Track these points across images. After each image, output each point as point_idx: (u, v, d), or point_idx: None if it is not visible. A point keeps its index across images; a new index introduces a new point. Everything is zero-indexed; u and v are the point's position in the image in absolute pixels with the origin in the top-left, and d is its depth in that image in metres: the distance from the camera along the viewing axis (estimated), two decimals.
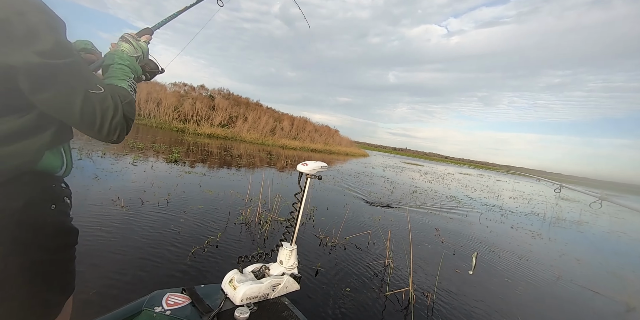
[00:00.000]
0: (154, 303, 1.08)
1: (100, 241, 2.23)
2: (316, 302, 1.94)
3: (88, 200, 3.09)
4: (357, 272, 2.53)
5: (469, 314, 2.15)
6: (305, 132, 24.99)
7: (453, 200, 8.60)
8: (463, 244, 4.00)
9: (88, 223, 2.51)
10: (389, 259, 2.84)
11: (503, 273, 3.13)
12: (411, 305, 2.11)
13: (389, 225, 4.27)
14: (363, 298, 2.10)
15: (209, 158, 8.22)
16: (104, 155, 5.74)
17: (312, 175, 1.37)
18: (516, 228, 5.81)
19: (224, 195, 4.32)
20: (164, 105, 17.94)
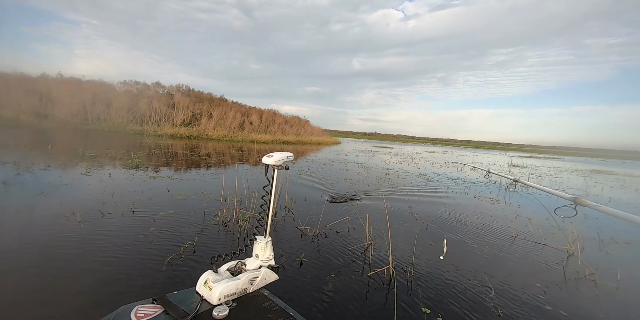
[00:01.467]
0: (122, 318, 1.01)
1: (58, 263, 2.01)
2: (303, 291, 1.98)
3: (35, 220, 2.75)
4: (340, 257, 2.61)
5: (444, 280, 2.35)
6: (276, 125, 24.47)
7: (422, 178, 9.14)
8: (435, 217, 4.30)
9: (39, 244, 2.25)
10: (368, 241, 2.96)
11: (470, 239, 3.45)
12: (393, 281, 2.24)
13: (366, 209, 4.43)
14: (347, 281, 2.18)
15: (175, 160, 7.72)
16: (48, 168, 5.11)
17: (279, 166, 1.37)
18: (478, 197, 6.37)
19: (196, 197, 4.12)
20: (115, 106, 16.28)
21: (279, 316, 1.22)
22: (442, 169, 12.43)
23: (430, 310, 1.92)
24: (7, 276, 1.81)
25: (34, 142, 8.12)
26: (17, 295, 1.63)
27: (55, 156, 6.28)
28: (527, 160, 25.21)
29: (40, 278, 1.82)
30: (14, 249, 2.15)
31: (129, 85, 20.01)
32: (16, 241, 2.28)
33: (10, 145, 7.19)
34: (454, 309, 1.96)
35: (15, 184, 3.90)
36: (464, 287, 2.27)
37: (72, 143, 9.09)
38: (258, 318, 1.17)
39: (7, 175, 4.25)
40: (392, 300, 1.98)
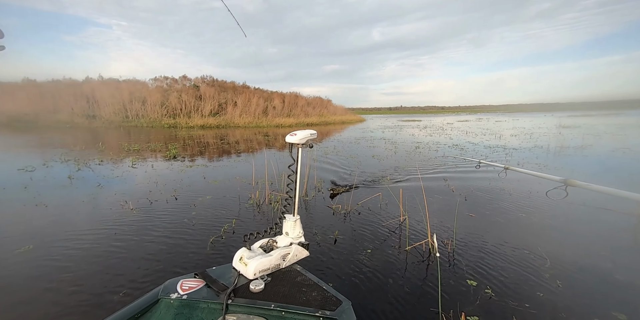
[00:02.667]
0: (169, 291, 1.11)
1: (117, 245, 2.25)
2: (339, 267, 1.99)
3: (97, 209, 3.10)
4: (374, 233, 2.57)
5: (490, 252, 2.20)
6: (298, 108, 24.32)
7: (456, 148, 8.56)
8: (473, 188, 4.02)
9: (102, 230, 2.53)
10: (403, 216, 2.87)
11: (516, 208, 3.18)
12: (432, 255, 2.16)
13: (398, 185, 4.29)
14: (384, 256, 2.15)
15: (207, 149, 8.11)
16: (102, 163, 5.68)
17: (303, 145, 1.37)
18: (522, 164, 5.81)
19: (229, 182, 4.31)
20: (150, 102, 17.33)
21: (313, 290, 1.23)
22: (478, 138, 11.50)
23: (476, 282, 1.82)
24: (82, 253, 2.08)
25: (87, 141, 9.06)
26: (92, 267, 1.87)
27: (105, 152, 6.96)
28: (579, 120, 22.23)
29: (105, 255, 2.06)
30: (85, 232, 2.45)
31: (159, 81, 21.01)
32: (85, 225, 2.60)
33: (69, 145, 8.11)
34: (503, 280, 1.84)
35: (78, 179, 4.41)
36: (514, 258, 2.11)
37: (118, 140, 9.97)
38: (293, 291, 1.19)
39: (70, 171, 4.82)
40: (433, 274, 1.91)
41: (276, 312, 1.08)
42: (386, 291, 1.73)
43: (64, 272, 1.87)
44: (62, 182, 4.17)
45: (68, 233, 2.46)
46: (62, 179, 4.33)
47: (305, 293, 1.19)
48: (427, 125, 22.68)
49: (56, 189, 3.86)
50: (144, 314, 1.03)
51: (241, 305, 1.09)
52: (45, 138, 9.97)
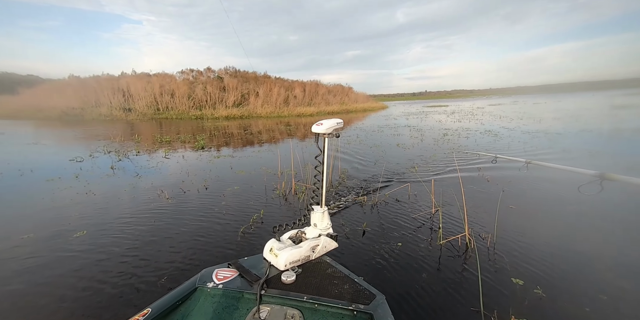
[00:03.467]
0: (206, 280, 1.15)
1: (156, 232, 2.41)
2: (368, 260, 1.96)
3: (137, 198, 3.33)
4: (404, 225, 2.49)
5: (539, 248, 2.04)
6: (319, 96, 24.01)
7: (489, 135, 7.98)
8: (512, 178, 3.74)
9: (143, 218, 2.72)
10: (435, 207, 2.75)
11: (562, 201, 2.91)
12: (470, 250, 2.05)
13: (427, 175, 4.11)
14: (416, 249, 2.08)
15: (232, 140, 8.34)
16: (139, 154, 6.08)
17: (329, 134, 1.32)
18: (568, 151, 5.27)
19: (255, 173, 4.40)
20: (178, 95, 18.07)
21: (345, 282, 1.22)
22: (514, 123, 10.62)
23: (523, 281, 1.69)
24: (127, 239, 2.26)
25: (125, 133, 9.72)
26: (135, 253, 2.03)
27: (141, 144, 7.43)
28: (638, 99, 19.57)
29: (146, 242, 2.22)
30: (128, 219, 2.66)
31: (186, 73, 21.72)
32: (128, 213, 2.81)
33: (110, 136, 8.77)
34: (554, 280, 1.69)
35: (119, 169, 4.77)
36: (569, 256, 1.95)
37: (151, 131, 10.59)
38: (324, 284, 1.18)
39: (112, 162, 5.22)
40: (471, 270, 1.82)
41: (309, 304, 1.08)
42: (420, 286, 1.68)
43: (112, 256, 2.04)
44: (106, 172, 4.53)
45: (114, 220, 2.68)
46: (106, 169, 4.71)
47: (336, 286, 1.19)
48: (454, 110, 21.39)
49: (102, 178, 4.20)
50: (184, 302, 1.08)
51: (274, 296, 1.10)
52: (89, 130, 10.86)
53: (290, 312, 1.06)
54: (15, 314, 1.48)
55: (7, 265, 1.94)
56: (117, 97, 17.44)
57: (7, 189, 3.69)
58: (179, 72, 21.56)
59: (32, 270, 1.87)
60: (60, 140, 8.43)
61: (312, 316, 1.06)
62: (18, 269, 1.88)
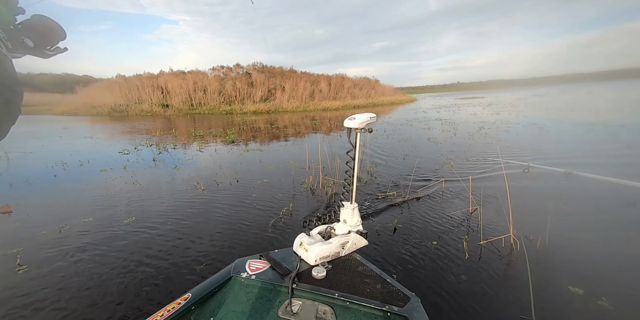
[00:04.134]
0: (239, 270, 1.19)
1: (194, 221, 2.56)
2: (401, 259, 1.90)
3: (176, 188, 3.57)
4: (438, 223, 2.38)
5: (597, 255, 1.83)
6: (345, 90, 23.67)
7: (534, 127, 7.29)
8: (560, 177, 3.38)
9: (181, 207, 2.91)
10: (473, 206, 2.59)
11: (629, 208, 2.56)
12: (515, 252, 1.90)
13: (463, 170, 3.88)
14: (453, 250, 1.97)
15: (260, 134, 8.57)
16: (176, 147, 6.50)
17: (362, 129, 1.29)
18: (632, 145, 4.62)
19: (283, 167, 4.48)
20: (209, 91, 18.94)
21: (376, 282, 1.18)
22: (564, 115, 9.57)
23: (583, 290, 1.53)
24: (169, 226, 2.44)
25: (163, 128, 10.46)
26: (178, 242, 2.18)
27: (178, 138, 7.93)
28: None
29: (185, 230, 2.37)
30: (170, 208, 2.86)
31: (217, 70, 22.63)
32: (169, 202, 3.03)
33: (151, 131, 9.50)
34: (623, 290, 1.51)
35: (160, 161, 5.14)
36: (635, 265, 1.72)
37: (186, 126, 11.26)
38: (355, 282, 1.16)
39: (154, 154, 5.64)
40: (517, 274, 1.68)
41: (340, 302, 1.07)
42: (459, 289, 1.59)
43: (158, 241, 2.21)
44: (149, 164, 4.92)
45: (157, 208, 2.90)
46: (149, 161, 5.11)
47: (368, 284, 1.16)
48: (491, 102, 19.84)
49: (145, 169, 4.57)
50: (220, 290, 1.13)
51: (305, 290, 1.11)
52: (133, 125, 11.84)
53: (322, 308, 1.06)
54: (78, 279, 1.69)
55: (71, 243, 2.20)
56: (157, 94, 18.75)
57: (71, 178, 4.17)
58: (211, 69, 22.52)
59: (89, 249, 2.09)
60: (110, 134, 9.30)
61: (344, 314, 1.05)
62: (80, 246, 2.13)
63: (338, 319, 1.03)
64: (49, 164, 4.95)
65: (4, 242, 2.24)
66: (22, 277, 1.80)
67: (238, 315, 1.06)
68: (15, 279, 1.78)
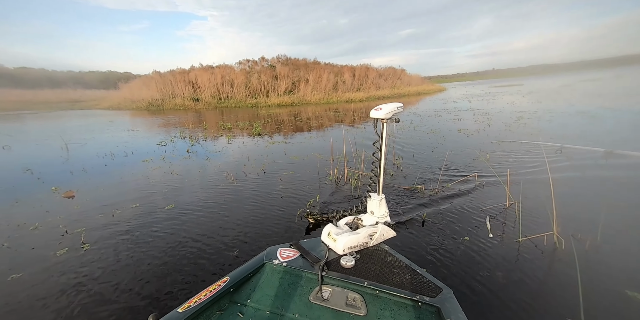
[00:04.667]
0: (271, 257, 1.25)
1: (226, 210, 2.71)
2: (431, 252, 1.87)
3: (209, 178, 3.78)
4: (471, 218, 2.28)
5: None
6: (369, 80, 23.02)
7: (583, 116, 6.59)
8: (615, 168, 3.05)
9: (214, 196, 3.08)
10: (510, 200, 2.44)
11: None
12: (559, 251, 1.78)
13: (499, 163, 3.65)
14: (487, 245, 1.89)
15: (284, 127, 8.70)
16: (207, 139, 6.84)
17: (389, 120, 1.28)
18: None
19: (308, 159, 4.54)
20: (236, 85, 19.48)
21: (406, 272, 1.18)
22: (621, 102, 8.49)
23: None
24: (204, 213, 2.62)
25: (195, 121, 11.02)
26: (211, 229, 2.34)
27: (208, 130, 8.33)
28: None
29: (218, 218, 2.53)
30: (204, 196, 3.06)
31: (243, 64, 23.11)
32: (203, 191, 3.23)
33: (183, 124, 10.07)
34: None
35: (193, 152, 5.46)
36: None
37: (215, 119, 11.76)
38: (384, 271, 1.18)
39: (187, 146, 6.00)
40: (562, 274, 1.58)
41: (370, 290, 1.09)
42: (495, 287, 1.53)
43: (195, 227, 2.38)
44: (184, 155, 5.25)
45: (193, 197, 3.10)
46: (183, 152, 5.45)
47: (397, 275, 1.17)
48: (531, 90, 18.17)
49: (181, 160, 4.89)
50: (254, 274, 1.20)
51: (335, 278, 1.15)
52: (168, 119, 12.61)
53: (351, 296, 1.09)
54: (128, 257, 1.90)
55: (122, 225, 2.45)
56: (188, 89, 19.69)
57: (118, 167, 4.59)
58: (237, 63, 23.03)
59: (137, 231, 2.32)
60: (149, 127, 10.01)
61: (374, 302, 1.07)
62: (130, 229, 2.37)
63: (368, 306, 1.06)
64: (99, 154, 5.49)
65: (71, 223, 2.56)
66: (86, 252, 2.06)
67: (272, 299, 1.13)
68: (80, 253, 2.04)
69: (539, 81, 30.84)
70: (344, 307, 1.05)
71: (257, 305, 1.10)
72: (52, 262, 1.95)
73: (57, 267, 1.88)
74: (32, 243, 2.22)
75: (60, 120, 13.02)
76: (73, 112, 18.26)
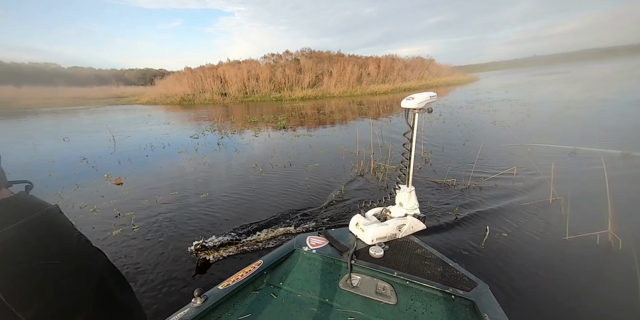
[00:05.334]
0: (301, 244, 1.29)
1: (256, 199, 2.83)
2: (463, 247, 1.80)
3: (238, 169, 3.94)
4: (509, 213, 2.16)
5: None
6: (395, 72, 22.19)
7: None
8: None
9: (244, 186, 3.21)
10: (554, 196, 2.26)
11: None
12: (615, 251, 1.63)
13: (540, 157, 3.38)
14: (528, 242, 1.79)
15: (308, 120, 8.74)
16: (235, 132, 7.12)
17: (421, 109, 1.25)
18: None
19: (333, 151, 4.54)
20: (261, 79, 19.86)
21: (437, 265, 1.16)
22: None
23: None
24: (236, 201, 2.75)
25: (223, 115, 11.47)
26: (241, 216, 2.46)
27: (236, 124, 8.64)
28: None
29: (249, 206, 2.64)
30: (235, 186, 3.21)
31: (267, 58, 23.43)
32: (234, 181, 3.39)
33: (213, 118, 10.54)
34: None
35: (223, 144, 5.72)
36: None
37: (241, 113, 12.14)
38: (414, 263, 1.16)
39: (217, 139, 6.29)
40: (618, 276, 1.46)
41: (400, 280, 1.09)
42: (537, 286, 1.45)
43: (228, 213, 2.52)
44: (214, 147, 5.52)
45: (225, 186, 3.27)
46: (213, 145, 5.73)
47: (428, 267, 1.15)
48: (579, 77, 16.34)
49: (212, 152, 5.15)
50: (286, 259, 1.25)
51: (364, 267, 1.15)
52: (198, 113, 13.25)
53: (381, 285, 1.09)
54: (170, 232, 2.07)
55: (164, 210, 2.66)
56: (216, 84, 20.46)
57: (158, 158, 4.96)
58: (262, 57, 23.38)
59: (177, 216, 2.51)
60: (182, 120, 10.62)
61: (404, 292, 1.07)
62: (170, 214, 2.57)
63: (398, 295, 1.06)
64: (141, 145, 5.96)
65: (122, 206, 2.84)
66: (136, 232, 2.29)
67: (303, 283, 1.17)
68: (132, 234, 2.28)
69: (589, 67, 27.58)
70: (373, 295, 1.06)
71: (289, 288, 1.15)
72: (109, 241, 2.19)
73: (111, 248, 2.10)
74: (93, 223, 2.51)
75: (107, 115, 14.25)
76: (117, 106, 19.87)
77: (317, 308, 1.04)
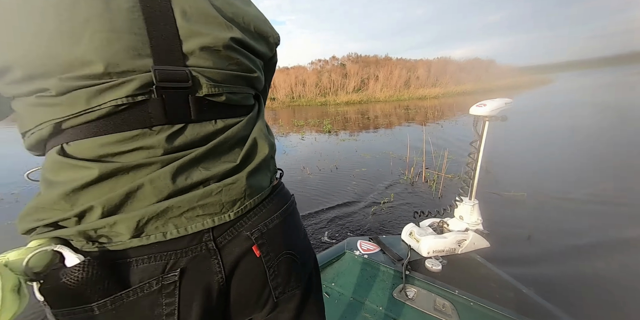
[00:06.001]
0: (352, 247, 1.28)
1: (305, 200, 2.89)
2: (538, 271, 1.58)
3: (287, 170, 4.12)
4: (602, 236, 1.84)
5: None
6: (447, 75, 20.88)
7: None
8: None
9: (293, 187, 3.35)
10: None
11: None
12: None
13: None
14: (624, 270, 1.49)
15: (353, 124, 8.72)
16: (282, 135, 7.48)
17: (493, 117, 1.16)
18: None
19: (380, 157, 4.44)
20: (308, 84, 20.60)
21: (507, 289, 1.04)
22: None
23: None
24: None
25: (272, 119, 12.17)
26: None
27: (283, 127, 9.08)
28: None
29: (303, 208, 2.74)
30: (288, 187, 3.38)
31: (315, 64, 24.25)
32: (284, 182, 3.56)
33: None
34: None
35: None
36: None
37: (288, 117, 12.71)
38: (479, 283, 1.06)
39: None
40: None
41: (463, 300, 1.01)
42: None
43: None
44: None
45: None
46: None
47: (496, 290, 1.05)
48: None
49: None
50: (337, 260, 1.26)
51: (420, 280, 1.10)
52: None
53: (440, 301, 1.03)
54: None
55: None
56: None
57: None
58: (309, 63, 24.28)
59: None
60: None
61: (467, 313, 0.99)
62: None
63: (460, 316, 0.99)
64: None
65: None
66: None
67: (355, 287, 1.17)
68: None
69: None
70: (432, 311, 1.01)
71: (340, 289, 1.15)
72: None
73: None
74: None
75: None
76: None
77: (371, 314, 1.03)
